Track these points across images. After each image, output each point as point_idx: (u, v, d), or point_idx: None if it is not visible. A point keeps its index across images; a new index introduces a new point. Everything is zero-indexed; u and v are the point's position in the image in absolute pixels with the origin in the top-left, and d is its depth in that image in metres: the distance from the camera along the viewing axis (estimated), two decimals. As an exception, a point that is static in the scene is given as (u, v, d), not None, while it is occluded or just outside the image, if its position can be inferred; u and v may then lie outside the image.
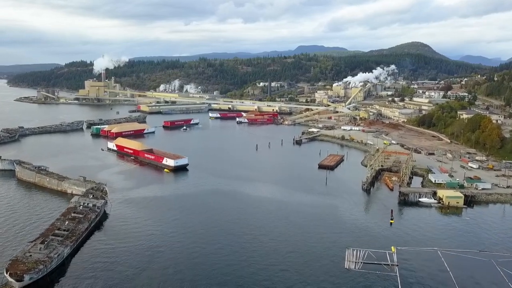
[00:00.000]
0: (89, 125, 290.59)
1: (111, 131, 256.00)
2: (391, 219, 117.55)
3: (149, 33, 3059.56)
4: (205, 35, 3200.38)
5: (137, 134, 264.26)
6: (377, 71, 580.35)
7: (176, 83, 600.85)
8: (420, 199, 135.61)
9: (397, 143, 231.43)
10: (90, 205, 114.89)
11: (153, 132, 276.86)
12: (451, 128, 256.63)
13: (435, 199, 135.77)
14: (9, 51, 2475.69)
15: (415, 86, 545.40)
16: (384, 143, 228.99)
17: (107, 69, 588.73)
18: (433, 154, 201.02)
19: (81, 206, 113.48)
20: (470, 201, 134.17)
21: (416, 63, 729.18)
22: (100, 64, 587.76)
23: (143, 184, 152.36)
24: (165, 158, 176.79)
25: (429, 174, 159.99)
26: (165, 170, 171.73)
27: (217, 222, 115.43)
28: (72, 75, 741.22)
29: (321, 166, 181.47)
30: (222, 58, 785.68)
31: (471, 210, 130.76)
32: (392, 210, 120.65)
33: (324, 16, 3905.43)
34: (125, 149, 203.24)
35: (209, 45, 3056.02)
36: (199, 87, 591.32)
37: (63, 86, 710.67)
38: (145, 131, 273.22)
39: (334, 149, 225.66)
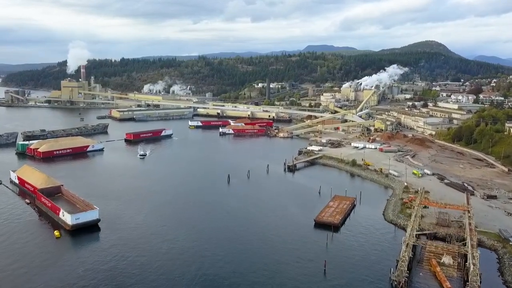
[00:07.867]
0: (26, 139, 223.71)
1: (39, 149, 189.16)
2: None
3: (160, 32, 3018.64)
4: (214, 34, 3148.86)
5: (77, 154, 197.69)
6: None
7: (161, 83, 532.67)
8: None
9: (432, 174, 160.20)
10: None
11: (102, 150, 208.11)
12: (503, 147, 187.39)
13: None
14: (20, 50, 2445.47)
15: (437, 88, 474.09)
16: (414, 173, 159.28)
17: (93, 68, 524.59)
18: (495, 197, 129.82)
19: None
20: None
21: (434, 62, 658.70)
22: (74, 56, 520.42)
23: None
24: (61, 211, 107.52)
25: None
26: (55, 232, 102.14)
27: None
28: (62, 74, 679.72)
29: (319, 223, 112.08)
30: (229, 58, 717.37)
31: None
32: None
33: (338, 15, 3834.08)
34: (26, 185, 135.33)
35: (219, 45, 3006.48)
36: (189, 88, 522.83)
37: (51, 85, 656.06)
38: (89, 149, 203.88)
39: (341, 181, 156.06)
